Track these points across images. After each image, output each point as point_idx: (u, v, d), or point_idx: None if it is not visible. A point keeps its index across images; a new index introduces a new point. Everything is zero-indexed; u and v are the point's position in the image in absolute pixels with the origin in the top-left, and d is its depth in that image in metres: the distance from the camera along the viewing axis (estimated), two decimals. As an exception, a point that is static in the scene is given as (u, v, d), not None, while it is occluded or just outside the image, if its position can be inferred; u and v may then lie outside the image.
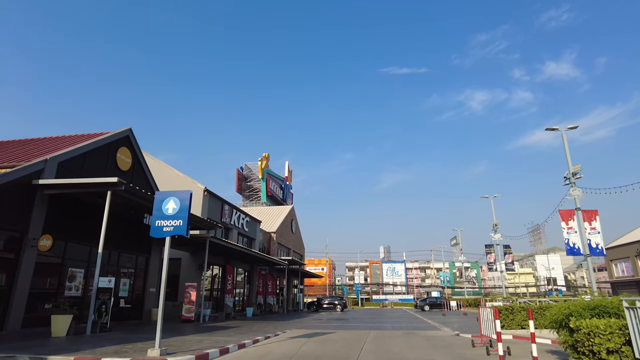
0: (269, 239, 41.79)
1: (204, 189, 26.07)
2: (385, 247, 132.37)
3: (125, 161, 18.32)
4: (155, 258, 20.48)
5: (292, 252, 49.13)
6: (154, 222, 8.14)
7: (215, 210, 27.57)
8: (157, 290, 20.35)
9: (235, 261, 30.70)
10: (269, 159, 66.34)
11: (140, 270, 19.52)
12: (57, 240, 13.90)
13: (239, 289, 32.67)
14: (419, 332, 14.33)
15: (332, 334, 13.48)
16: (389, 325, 18.24)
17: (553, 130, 17.57)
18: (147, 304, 19.49)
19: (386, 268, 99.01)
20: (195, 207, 25.19)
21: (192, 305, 18.77)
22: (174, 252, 24.49)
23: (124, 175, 17.93)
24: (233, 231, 30.35)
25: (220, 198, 28.31)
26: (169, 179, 27.07)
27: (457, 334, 13.28)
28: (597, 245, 15.89)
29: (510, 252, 30.53)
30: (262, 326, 16.76)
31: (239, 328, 15.47)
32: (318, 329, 15.93)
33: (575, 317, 6.41)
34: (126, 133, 18.55)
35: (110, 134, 17.41)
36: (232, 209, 30.07)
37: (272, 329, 15.38)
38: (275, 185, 66.51)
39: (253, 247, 35.31)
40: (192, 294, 18.92)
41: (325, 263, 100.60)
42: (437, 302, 42.96)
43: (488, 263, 30.96)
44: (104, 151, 17.00)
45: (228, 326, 16.41)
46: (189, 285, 19.17)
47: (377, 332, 14.67)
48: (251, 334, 12.67)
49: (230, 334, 12.90)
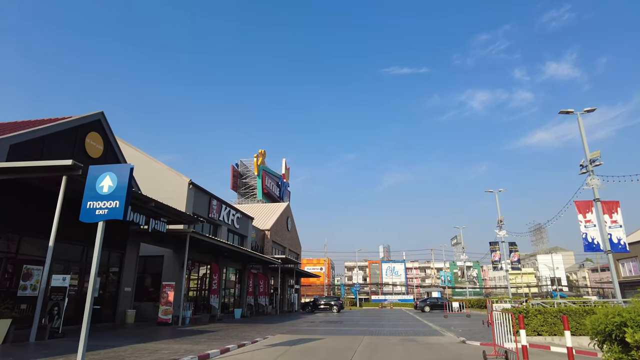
0: (262, 236, 40.07)
1: (188, 182, 24.38)
2: (385, 247, 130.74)
3: (96, 147, 16.62)
4: (132, 255, 18.78)
5: (287, 251, 47.40)
6: (85, 203, 6.44)
7: (202, 205, 25.87)
8: (132, 289, 18.67)
9: (225, 260, 29.01)
10: (265, 155, 64.63)
11: (115, 268, 17.81)
12: (9, 234, 12.24)
13: (230, 289, 30.97)
14: (419, 339, 12.62)
15: (319, 341, 11.77)
16: (385, 330, 16.54)
17: (568, 113, 15.88)
18: (122, 304, 17.78)
19: (386, 268, 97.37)
20: (179, 201, 23.51)
21: (169, 306, 17.07)
22: (156, 250, 22.81)
23: (94, 163, 16.22)
24: (222, 228, 28.64)
25: (207, 192, 26.61)
26: (153, 172, 25.39)
27: (463, 341, 11.57)
28: (618, 241, 14.19)
29: (516, 249, 28.69)
30: (245, 330, 15.06)
31: (216, 332, 13.78)
32: (306, 333, 14.24)
33: (633, 329, 4.69)
34: (97, 117, 16.85)
35: (77, 117, 15.70)
36: (220, 204, 28.37)
37: (254, 333, 13.68)
38: (271, 182, 64.79)
39: (245, 245, 33.59)
40: (170, 294, 17.23)
41: (324, 263, 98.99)
42: (438, 303, 41.21)
43: (492, 261, 29.17)
44: (70, 136, 15.30)
45: (206, 330, 14.72)
46: (167, 285, 17.48)
47: (372, 338, 12.96)
48: (225, 341, 10.97)
49: (202, 340, 11.19)
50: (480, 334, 13.54)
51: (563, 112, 15.91)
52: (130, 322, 17.64)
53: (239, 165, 64.76)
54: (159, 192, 23.23)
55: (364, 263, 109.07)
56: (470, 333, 14.05)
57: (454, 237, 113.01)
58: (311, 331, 15.20)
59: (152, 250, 22.91)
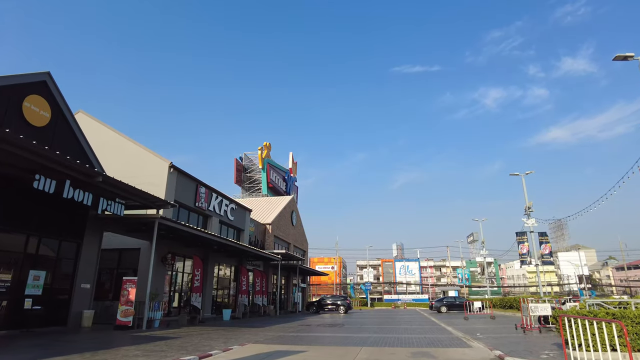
0: (263, 231, 37.02)
1: (169, 165, 21.44)
2: (398, 245, 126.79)
3: (39, 114, 13.70)
4: (92, 245, 15.84)
5: (292, 247, 44.30)
6: None
7: (187, 193, 22.92)
8: (92, 286, 15.73)
9: (217, 255, 26.03)
10: (271, 148, 61.64)
11: (68, 261, 14.89)
12: None
13: (223, 288, 28.01)
14: (437, 352, 9.28)
15: (296, 355, 8.56)
16: (393, 336, 13.22)
17: (626, 58, 12.31)
18: (77, 304, 14.83)
19: (399, 266, 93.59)
20: (158, 187, 20.60)
21: (129, 306, 14.07)
22: (131, 241, 19.93)
23: (37, 133, 13.37)
24: (213, 219, 25.65)
25: (194, 178, 23.65)
26: (130, 154, 22.56)
27: (500, 358, 8.19)
28: None
29: (547, 241, 24.75)
30: (214, 337, 11.94)
31: (174, 340, 10.69)
32: (288, 342, 11.03)
33: None
34: (41, 77, 13.93)
35: (10, 76, 12.81)
36: (210, 193, 25.37)
37: (221, 342, 10.55)
38: (277, 176, 61.78)
39: (242, 239, 30.60)
40: (131, 291, 14.24)
41: (335, 262, 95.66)
42: (456, 303, 37.49)
43: (520, 254, 25.39)
44: (2, 97, 12.42)
45: (166, 336, 11.66)
46: (127, 280, 14.48)
47: (372, 350, 9.66)
48: (170, 352, 7.85)
49: (137, 352, 8.10)
50: (520, 345, 10.15)
51: (619, 58, 12.30)
52: (87, 326, 14.72)
53: (242, 159, 61.91)
54: (136, 178, 20.31)
55: (376, 262, 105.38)
56: (505, 343, 10.65)
57: (470, 235, 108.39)
58: (298, 339, 11.98)
59: (130, 242, 20.05)
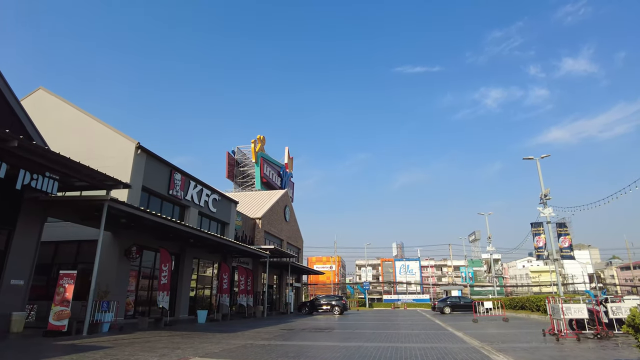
0: (252, 226, 34.33)
1: (136, 145, 18.76)
2: (398, 244, 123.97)
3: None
4: (28, 234, 13.13)
5: (285, 244, 41.62)
6: None
7: (159, 178, 20.23)
8: (27, 283, 13.02)
9: (196, 249, 23.35)
10: (265, 142, 58.93)
11: (-6, 252, 12.22)
12: None
13: (204, 288, 25.33)
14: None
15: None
16: (390, 346, 10.50)
17: None
18: (4, 305, 12.11)
19: (399, 266, 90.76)
20: (122, 169, 17.92)
21: (65, 307, 11.36)
22: (87, 232, 17.27)
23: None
24: (190, 210, 22.94)
25: (168, 163, 20.96)
26: (95, 134, 19.90)
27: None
28: None
29: (567, 233, 21.99)
30: (158, 347, 9.23)
31: (97, 352, 7.99)
32: (250, 357, 8.32)
33: None
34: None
35: None
36: (188, 180, 22.66)
37: (154, 356, 7.85)
38: (271, 171, 59.06)
39: (227, 233, 27.91)
40: (68, 288, 11.52)
41: (334, 261, 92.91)
42: (460, 303, 34.71)
43: (536, 248, 22.56)
44: None
45: (93, 346, 8.96)
46: (65, 275, 11.74)
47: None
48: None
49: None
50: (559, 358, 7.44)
51: None
52: (18, 331, 12.01)
53: (235, 152, 59.14)
54: (100, 160, 17.72)
55: (376, 261, 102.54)
56: (543, 358, 7.94)
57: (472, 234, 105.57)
58: (264, 351, 9.24)
59: (90, 233, 17.30)
